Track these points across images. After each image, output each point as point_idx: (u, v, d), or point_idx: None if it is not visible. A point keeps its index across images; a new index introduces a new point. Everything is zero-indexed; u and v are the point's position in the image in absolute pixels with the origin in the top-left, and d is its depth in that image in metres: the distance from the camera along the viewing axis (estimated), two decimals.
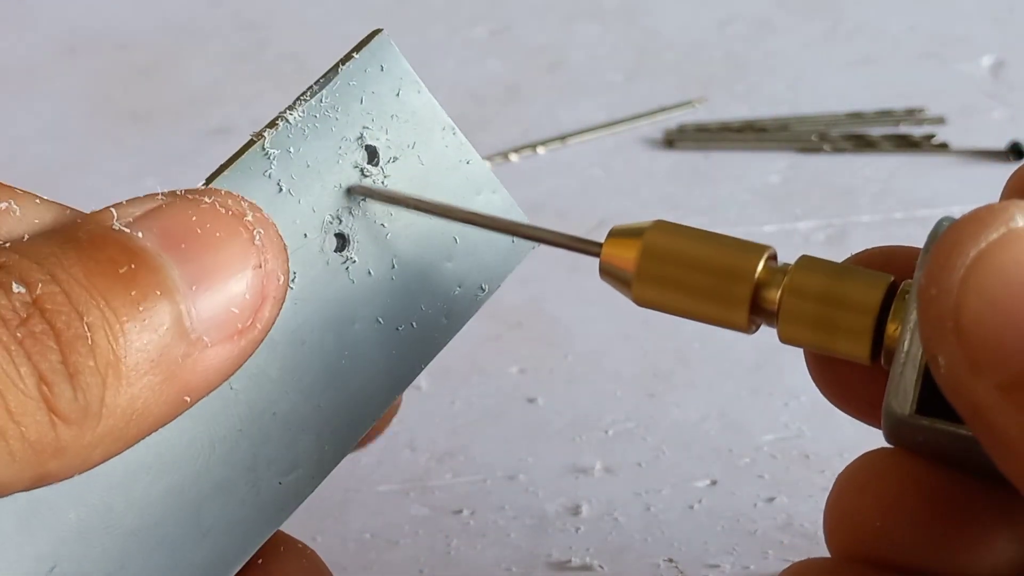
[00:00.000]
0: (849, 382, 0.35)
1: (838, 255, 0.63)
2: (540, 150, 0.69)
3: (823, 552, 0.46)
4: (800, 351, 0.54)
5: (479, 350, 0.55)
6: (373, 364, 0.35)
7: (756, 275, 0.33)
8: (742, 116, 0.70)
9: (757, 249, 0.34)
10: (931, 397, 0.31)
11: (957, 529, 0.33)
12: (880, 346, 0.33)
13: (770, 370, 0.54)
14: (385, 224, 0.36)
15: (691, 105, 0.71)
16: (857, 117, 0.70)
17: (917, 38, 0.77)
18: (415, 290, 0.36)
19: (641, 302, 0.35)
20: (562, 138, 0.69)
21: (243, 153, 0.35)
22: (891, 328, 0.33)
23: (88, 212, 0.32)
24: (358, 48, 0.37)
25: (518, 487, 0.49)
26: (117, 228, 0.30)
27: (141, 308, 0.29)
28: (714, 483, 0.49)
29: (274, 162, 0.35)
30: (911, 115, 0.70)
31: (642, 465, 0.50)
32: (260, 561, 0.35)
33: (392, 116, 0.36)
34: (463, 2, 0.83)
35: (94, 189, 0.67)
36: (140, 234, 0.30)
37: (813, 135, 0.68)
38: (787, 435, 0.51)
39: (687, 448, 0.50)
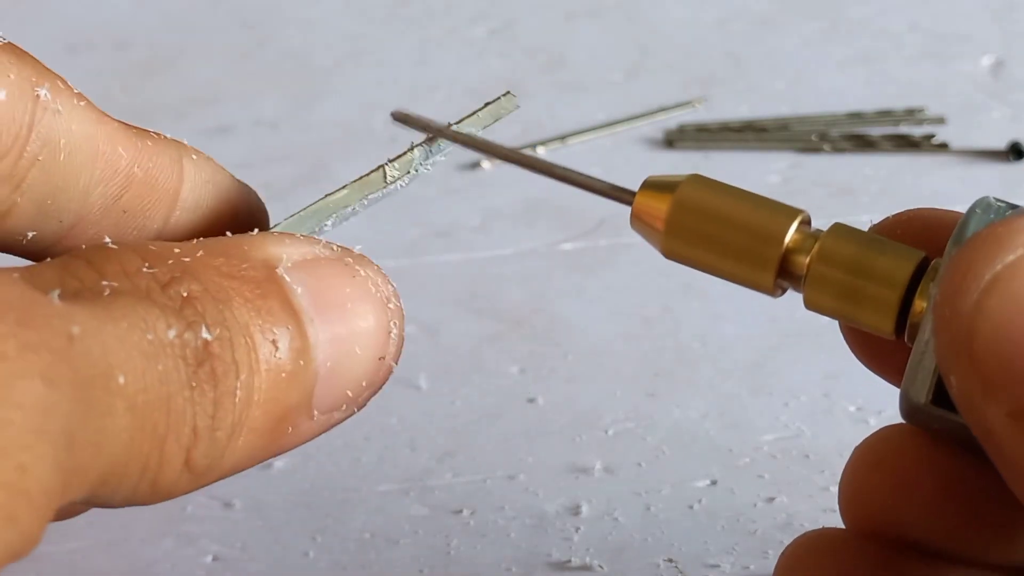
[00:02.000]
0: (882, 346, 0.35)
1: None
2: (540, 150, 0.69)
3: None
4: (795, 350, 0.54)
5: (479, 350, 0.55)
6: None
7: (787, 238, 0.33)
8: (742, 116, 0.70)
9: (790, 212, 0.33)
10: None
11: (971, 513, 0.33)
12: (905, 321, 0.32)
13: (770, 370, 0.54)
14: None
15: (691, 105, 0.71)
16: (857, 117, 0.69)
17: (917, 38, 0.77)
18: None
19: (669, 255, 0.34)
20: (562, 138, 0.69)
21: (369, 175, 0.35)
22: (918, 305, 0.32)
23: (256, 234, 0.32)
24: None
25: (518, 487, 0.49)
26: (280, 274, 0.31)
27: (283, 375, 0.30)
28: (714, 483, 0.49)
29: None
30: (911, 115, 0.69)
31: (642, 465, 0.50)
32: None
33: None
34: (463, 1, 0.83)
35: None
36: (299, 290, 0.31)
37: (813, 135, 0.68)
38: (787, 435, 0.51)
39: (687, 448, 0.50)
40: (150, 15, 0.83)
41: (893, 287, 0.32)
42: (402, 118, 0.36)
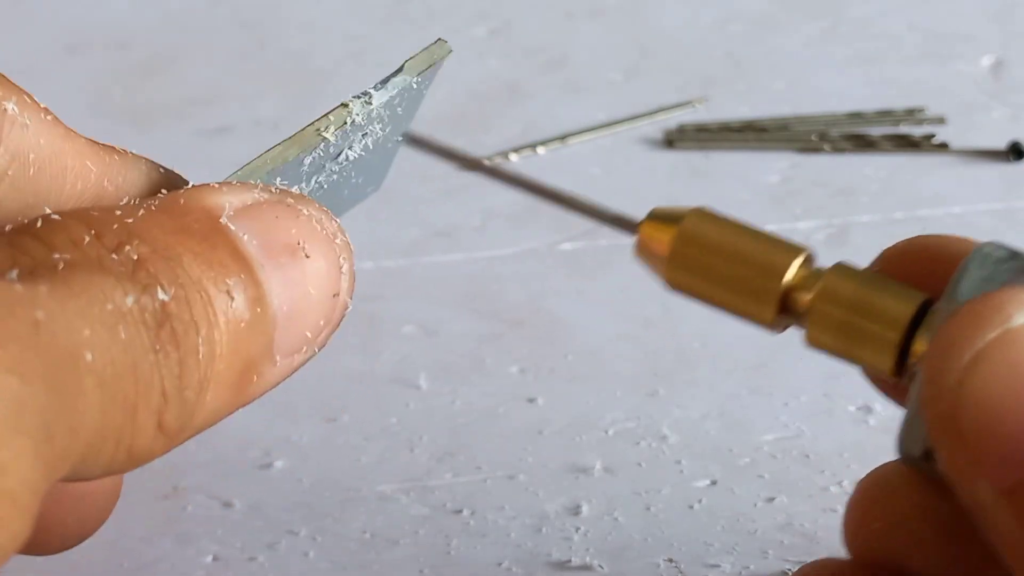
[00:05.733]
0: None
1: (838, 255, 0.63)
2: (540, 150, 0.69)
3: (822, 552, 0.46)
4: (795, 350, 0.54)
5: (479, 349, 0.55)
6: None
7: (789, 275, 0.33)
8: (742, 116, 0.70)
9: (793, 249, 0.34)
10: None
11: (967, 551, 0.33)
12: (905, 362, 0.32)
13: (770, 369, 0.54)
14: None
15: (691, 105, 0.71)
16: (857, 117, 0.69)
17: (917, 37, 0.77)
18: None
19: (672, 286, 0.35)
20: (562, 138, 0.69)
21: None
22: (918, 347, 0.32)
23: (193, 186, 0.31)
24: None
25: (518, 487, 0.49)
26: (225, 223, 0.30)
27: (242, 325, 0.30)
28: (714, 483, 0.49)
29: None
30: (911, 115, 0.69)
31: (642, 465, 0.50)
32: None
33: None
34: (463, 1, 0.82)
35: None
36: (245, 237, 0.30)
37: (813, 135, 0.68)
38: (787, 435, 0.51)
39: (687, 448, 0.50)
40: (150, 15, 0.83)
41: (893, 328, 0.33)
42: (416, 141, 0.37)
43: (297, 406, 0.52)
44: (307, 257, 0.31)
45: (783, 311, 0.34)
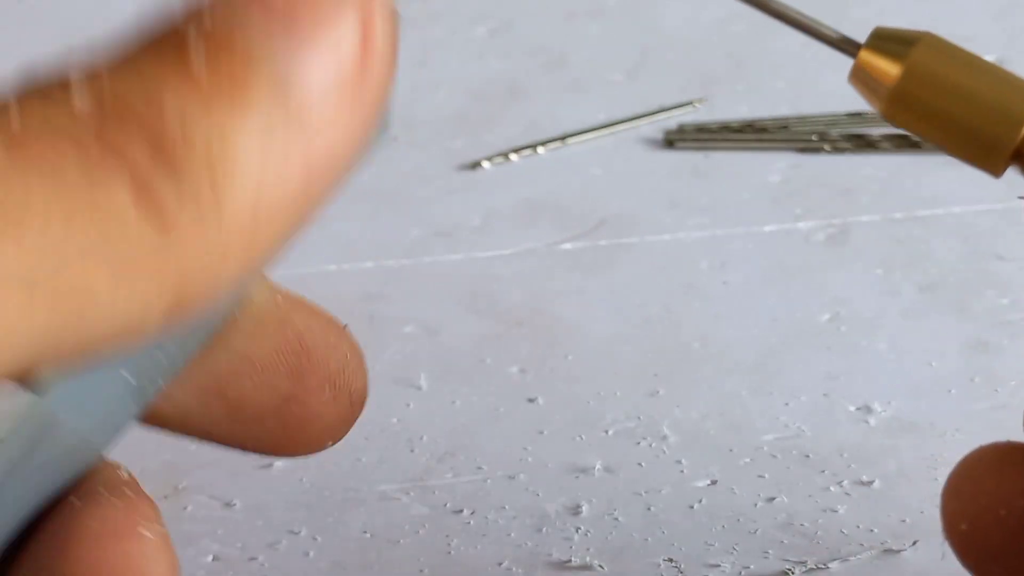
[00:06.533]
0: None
1: (838, 255, 0.63)
2: (540, 150, 0.69)
3: (823, 552, 0.46)
4: (795, 350, 0.54)
5: (480, 349, 0.55)
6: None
7: None
8: (742, 116, 0.70)
9: None
10: None
11: None
12: None
13: (770, 369, 0.54)
14: None
15: (691, 105, 0.71)
16: (857, 117, 0.69)
17: None
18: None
19: (890, 119, 0.32)
20: (562, 138, 0.69)
21: None
22: None
23: None
24: None
25: (518, 486, 0.49)
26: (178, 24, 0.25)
27: (227, 85, 0.24)
28: (714, 483, 0.49)
29: None
30: None
31: (642, 465, 0.50)
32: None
33: None
34: (463, 1, 0.83)
35: None
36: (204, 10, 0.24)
37: (813, 135, 0.68)
38: (787, 435, 0.51)
39: (687, 448, 0.50)
40: (152, 12, 0.83)
41: None
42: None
43: None
44: None
45: (1014, 158, 0.31)
